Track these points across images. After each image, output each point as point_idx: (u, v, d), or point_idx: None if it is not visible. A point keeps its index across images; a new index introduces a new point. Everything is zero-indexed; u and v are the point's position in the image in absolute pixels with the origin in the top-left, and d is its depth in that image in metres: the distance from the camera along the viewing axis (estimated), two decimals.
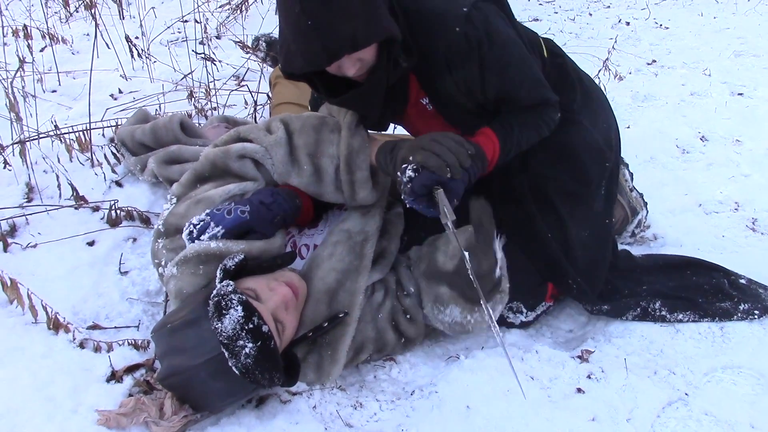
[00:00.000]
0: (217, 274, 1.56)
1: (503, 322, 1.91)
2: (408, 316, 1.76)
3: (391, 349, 1.76)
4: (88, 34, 3.48)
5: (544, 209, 1.93)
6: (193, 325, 1.46)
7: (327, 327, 1.63)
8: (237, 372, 1.43)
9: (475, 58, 1.66)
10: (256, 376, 1.45)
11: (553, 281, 1.95)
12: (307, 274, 1.72)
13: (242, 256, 1.59)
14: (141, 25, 3.40)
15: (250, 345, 1.43)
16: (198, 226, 1.66)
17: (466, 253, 1.52)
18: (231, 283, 1.50)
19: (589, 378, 1.74)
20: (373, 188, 1.79)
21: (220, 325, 1.42)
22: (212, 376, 1.45)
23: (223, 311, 1.43)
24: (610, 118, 2.10)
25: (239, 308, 1.44)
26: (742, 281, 2.06)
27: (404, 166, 1.59)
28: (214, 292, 1.48)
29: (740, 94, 3.57)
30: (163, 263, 1.73)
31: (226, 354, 1.42)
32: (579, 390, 1.70)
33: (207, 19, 3.74)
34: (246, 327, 1.43)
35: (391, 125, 2.01)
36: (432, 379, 1.72)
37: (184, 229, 1.68)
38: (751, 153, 2.95)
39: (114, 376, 1.63)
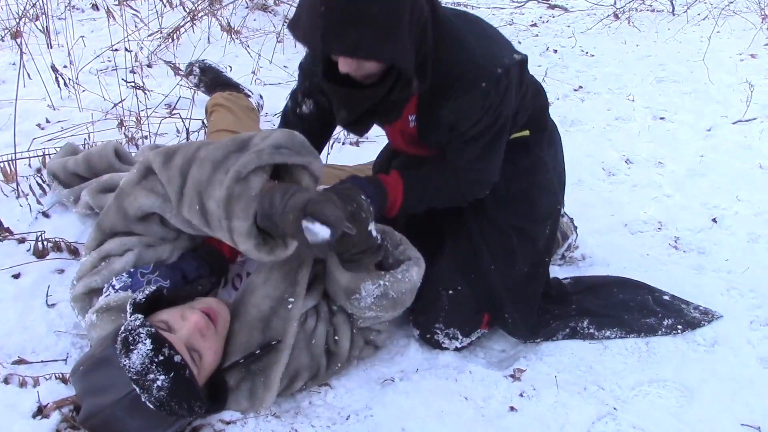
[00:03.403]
0: (128, 309, 1.53)
1: (438, 346, 1.93)
2: (336, 338, 1.76)
3: (324, 373, 1.76)
4: (14, 63, 3.40)
5: (493, 243, 1.96)
6: (104, 364, 1.44)
7: (259, 354, 1.62)
8: (152, 406, 1.40)
9: (477, 114, 1.69)
10: (172, 407, 1.42)
11: (490, 313, 1.98)
12: (242, 300, 1.70)
13: (153, 288, 1.57)
14: (69, 54, 3.34)
15: (162, 377, 1.40)
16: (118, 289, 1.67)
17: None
18: (139, 316, 1.47)
19: (522, 396, 1.77)
20: (262, 245, 1.59)
21: (128, 361, 1.39)
22: (128, 413, 1.42)
23: (131, 346, 1.40)
24: (563, 159, 2.16)
25: (147, 341, 1.41)
26: (666, 297, 2.13)
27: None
28: (122, 327, 1.45)
29: (662, 118, 3.70)
30: (77, 316, 1.76)
31: (138, 390, 1.39)
32: (512, 408, 1.73)
33: (141, 47, 3.71)
34: (156, 360, 1.40)
35: None
36: (368, 403, 1.73)
37: (104, 291, 1.68)
38: (673, 174, 3.07)
39: (41, 412, 1.59)
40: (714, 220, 2.71)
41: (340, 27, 1.42)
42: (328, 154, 2.73)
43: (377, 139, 2.77)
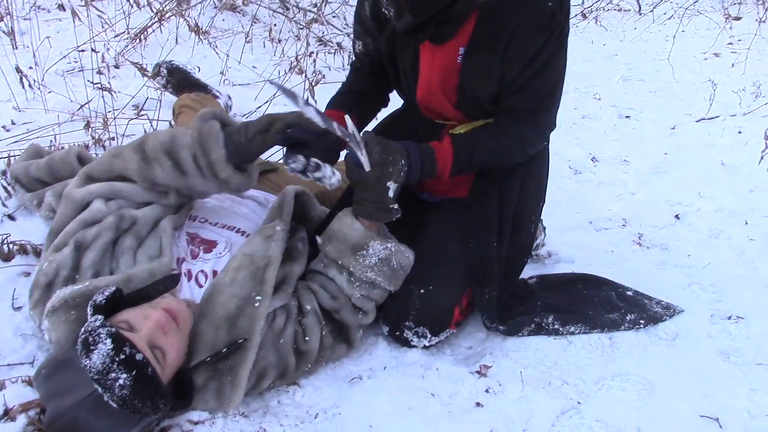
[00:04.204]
0: (88, 311, 1.52)
1: (406, 344, 1.95)
2: (306, 338, 1.78)
3: (293, 373, 1.77)
4: None
5: (502, 221, 2.00)
6: (65, 366, 1.44)
7: (225, 352, 1.62)
8: (115, 405, 1.40)
9: (542, 38, 1.67)
10: (135, 405, 1.42)
11: (475, 285, 1.98)
12: (209, 300, 1.70)
13: (113, 289, 1.56)
14: (34, 55, 3.31)
15: (124, 376, 1.40)
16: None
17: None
18: (99, 317, 1.47)
19: (487, 392, 1.80)
20: (238, 171, 1.82)
21: (88, 361, 1.40)
22: (92, 414, 1.42)
23: (91, 347, 1.40)
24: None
25: (108, 341, 1.41)
26: (629, 293, 2.17)
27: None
28: (82, 329, 1.45)
29: (627, 116, 3.77)
30: (36, 323, 1.73)
31: (100, 389, 1.39)
32: (478, 404, 1.75)
33: (108, 48, 3.68)
34: (117, 359, 1.40)
35: None
36: (336, 401, 1.74)
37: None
38: (637, 172, 3.13)
39: (7, 415, 1.58)
40: (677, 217, 2.76)
41: None
42: None
43: None
